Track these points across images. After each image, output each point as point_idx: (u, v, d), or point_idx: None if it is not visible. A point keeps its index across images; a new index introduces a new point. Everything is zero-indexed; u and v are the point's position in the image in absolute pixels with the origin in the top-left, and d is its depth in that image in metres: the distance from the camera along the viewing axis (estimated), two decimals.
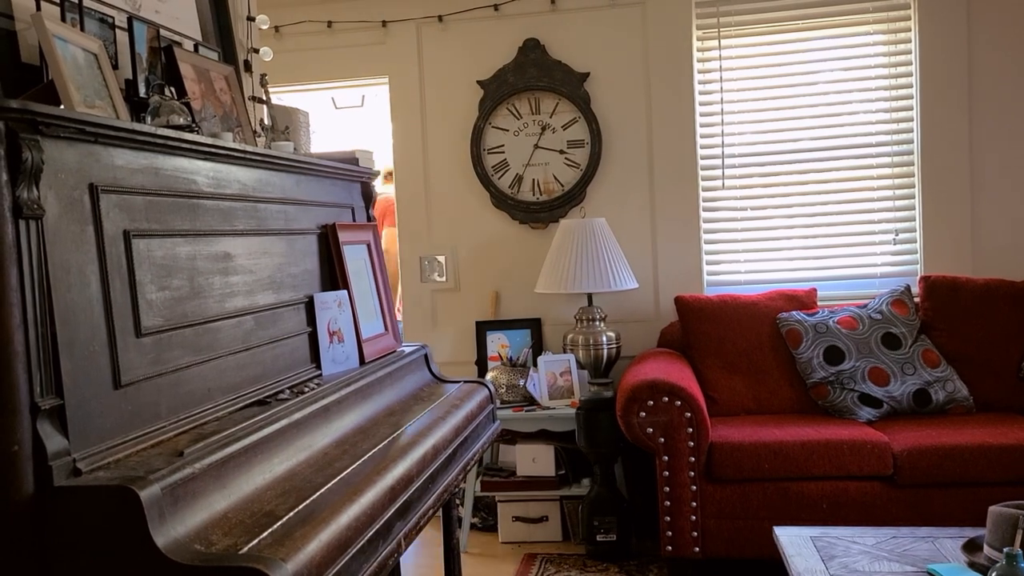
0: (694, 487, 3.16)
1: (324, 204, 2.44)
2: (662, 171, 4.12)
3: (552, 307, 4.21)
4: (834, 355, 3.52)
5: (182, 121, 1.85)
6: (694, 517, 3.17)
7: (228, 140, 1.95)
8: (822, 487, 3.12)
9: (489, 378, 3.94)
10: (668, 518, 3.18)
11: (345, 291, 2.38)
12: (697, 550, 3.18)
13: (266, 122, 2.56)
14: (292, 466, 1.72)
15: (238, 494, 1.51)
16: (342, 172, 2.57)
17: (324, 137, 5.23)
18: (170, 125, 1.81)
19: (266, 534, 1.41)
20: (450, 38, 4.27)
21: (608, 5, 4.13)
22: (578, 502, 3.76)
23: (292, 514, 1.51)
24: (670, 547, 3.19)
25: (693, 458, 3.16)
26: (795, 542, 2.42)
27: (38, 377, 1.31)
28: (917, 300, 3.73)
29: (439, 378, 2.80)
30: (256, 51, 2.82)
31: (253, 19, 2.84)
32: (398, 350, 2.65)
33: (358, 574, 1.59)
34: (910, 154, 3.98)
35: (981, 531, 2.23)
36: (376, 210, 2.86)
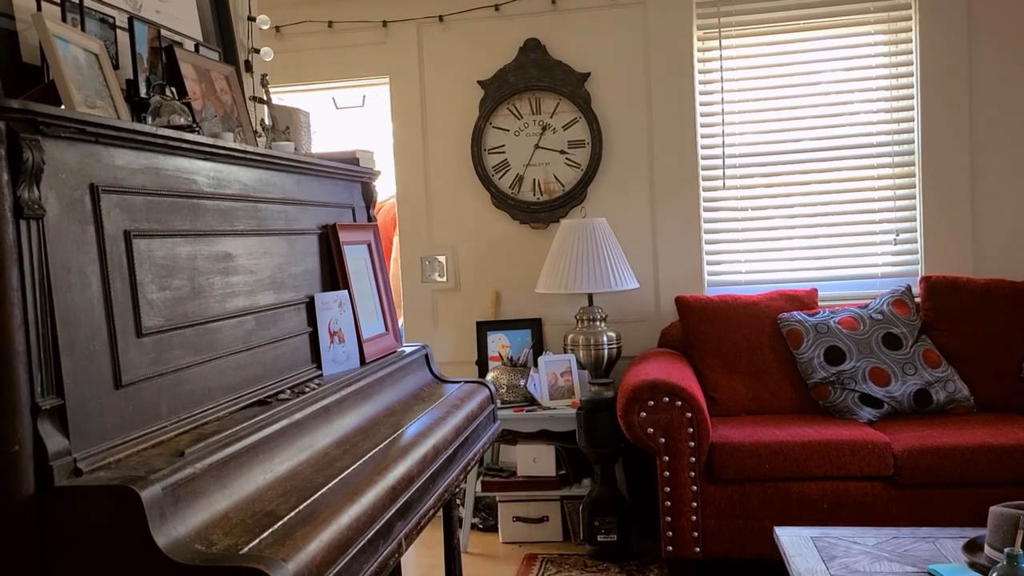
0: (695, 487, 3.16)
1: (325, 204, 2.44)
2: (663, 171, 4.12)
3: (553, 307, 4.21)
4: (835, 355, 3.52)
5: (183, 121, 1.85)
6: (695, 517, 3.16)
7: (229, 140, 1.95)
8: (823, 487, 3.12)
9: (490, 378, 3.94)
10: (669, 518, 3.18)
11: (346, 291, 2.38)
12: (697, 550, 3.18)
13: (267, 122, 2.56)
14: (293, 466, 1.72)
15: (239, 494, 1.51)
16: (343, 172, 2.57)
17: (325, 137, 5.23)
18: (171, 125, 1.81)
19: (267, 534, 1.41)
20: (451, 38, 4.27)
21: (609, 5, 4.13)
22: (579, 502, 3.76)
23: (293, 514, 1.51)
24: (671, 547, 3.19)
25: (694, 458, 3.16)
26: (796, 542, 2.42)
27: (39, 377, 1.31)
28: (918, 300, 3.72)
29: (440, 378, 2.80)
30: (257, 51, 2.82)
31: (254, 19, 2.85)
32: (399, 350, 2.65)
33: (359, 574, 1.59)
34: (911, 154, 3.98)
35: (982, 531, 2.23)
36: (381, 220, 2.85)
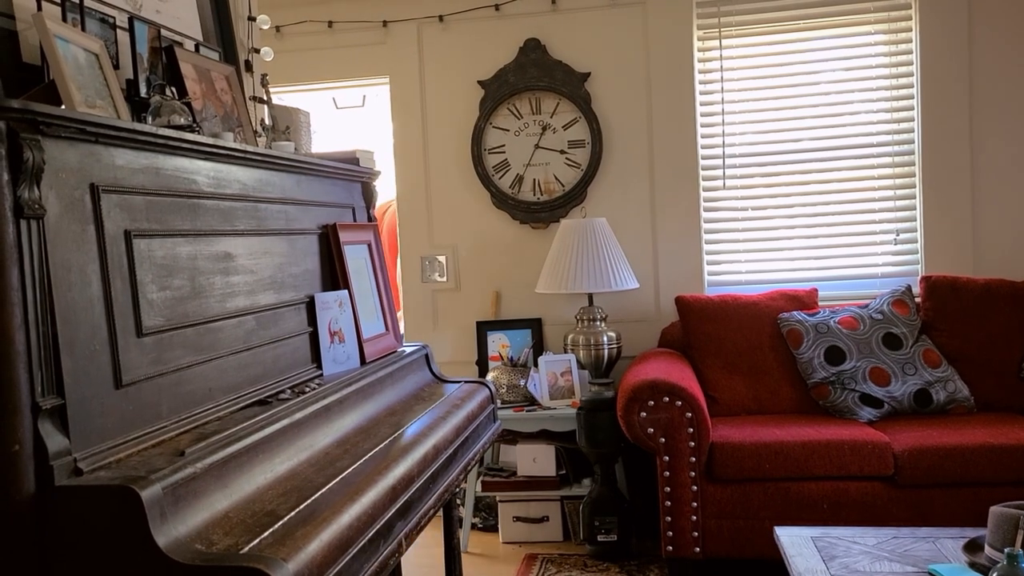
0: (695, 487, 3.16)
1: (325, 204, 2.44)
2: (663, 171, 4.12)
3: (553, 307, 4.21)
4: (835, 355, 3.52)
5: (183, 121, 1.85)
6: (695, 517, 3.16)
7: (229, 140, 1.95)
8: (823, 487, 3.12)
9: (490, 378, 3.94)
10: (669, 518, 3.18)
11: (346, 291, 2.38)
12: (698, 550, 3.17)
13: (267, 122, 2.56)
14: (293, 466, 1.72)
15: (239, 494, 1.51)
16: (343, 172, 2.57)
17: (325, 137, 5.24)
18: (171, 125, 1.81)
19: (267, 534, 1.41)
20: (451, 38, 4.27)
21: (609, 5, 4.13)
22: (579, 502, 3.76)
23: (293, 514, 1.51)
24: (671, 547, 3.19)
25: (694, 458, 3.16)
26: (796, 542, 2.42)
27: (39, 377, 1.31)
28: (918, 300, 3.72)
29: (440, 378, 2.80)
30: (257, 51, 2.82)
31: (254, 19, 2.85)
32: (399, 350, 2.65)
33: (359, 574, 1.59)
34: (911, 154, 3.98)
35: (982, 531, 2.23)
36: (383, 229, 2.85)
